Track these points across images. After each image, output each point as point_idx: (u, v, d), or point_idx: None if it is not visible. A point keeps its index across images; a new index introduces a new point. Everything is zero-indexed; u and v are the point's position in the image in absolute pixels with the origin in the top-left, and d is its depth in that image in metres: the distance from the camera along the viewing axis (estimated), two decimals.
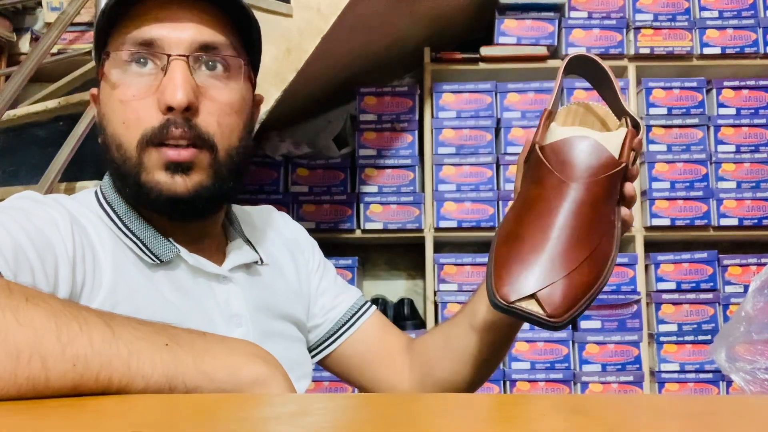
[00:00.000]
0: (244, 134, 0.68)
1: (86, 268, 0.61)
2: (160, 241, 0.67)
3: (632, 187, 0.63)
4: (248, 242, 0.76)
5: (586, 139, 0.57)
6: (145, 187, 0.63)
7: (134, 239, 0.66)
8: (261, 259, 0.75)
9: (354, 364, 0.84)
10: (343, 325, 0.84)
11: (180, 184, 0.63)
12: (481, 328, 0.75)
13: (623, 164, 0.57)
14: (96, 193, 0.71)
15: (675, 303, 1.82)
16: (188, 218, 0.67)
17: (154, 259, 0.66)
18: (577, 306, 0.53)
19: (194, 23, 0.64)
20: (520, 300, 0.54)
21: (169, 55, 0.63)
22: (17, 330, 0.41)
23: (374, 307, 0.87)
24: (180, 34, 0.63)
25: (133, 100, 0.63)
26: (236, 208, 0.81)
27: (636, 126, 0.61)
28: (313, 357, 0.85)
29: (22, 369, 0.40)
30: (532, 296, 0.53)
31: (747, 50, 1.89)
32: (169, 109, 0.62)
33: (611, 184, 0.57)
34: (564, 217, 0.56)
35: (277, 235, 0.83)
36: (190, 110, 0.62)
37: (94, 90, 0.71)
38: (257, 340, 0.70)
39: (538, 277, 0.54)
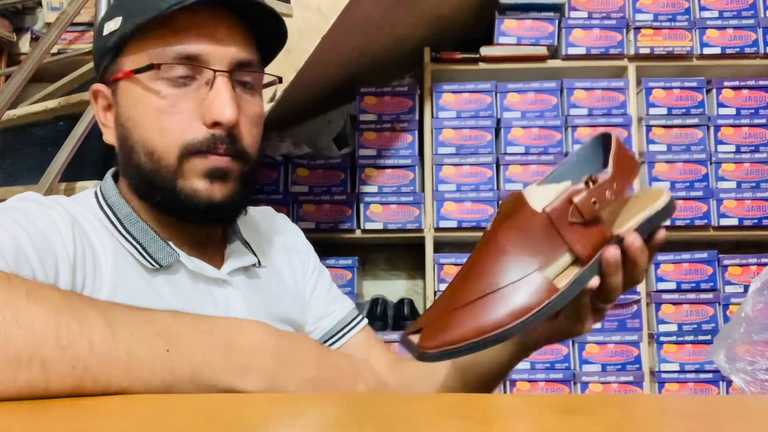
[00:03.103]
0: (261, 144, 0.71)
1: (86, 269, 0.61)
2: (159, 245, 0.67)
3: (587, 249, 0.53)
4: (246, 245, 0.76)
5: (516, 191, 0.56)
6: (181, 193, 0.65)
7: (134, 243, 0.66)
8: (259, 261, 0.75)
9: None
10: (332, 337, 0.84)
11: (217, 191, 0.65)
12: (462, 366, 0.76)
13: (538, 213, 0.54)
14: (96, 194, 0.71)
15: (675, 303, 1.82)
16: (218, 224, 0.70)
17: (154, 264, 0.66)
18: (456, 345, 0.49)
19: (233, 39, 0.66)
20: (411, 332, 0.53)
21: (215, 71, 0.64)
22: (17, 333, 0.41)
23: (365, 321, 0.87)
24: (223, 50, 0.65)
25: (173, 111, 0.65)
26: None
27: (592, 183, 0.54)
28: None
29: (22, 372, 0.40)
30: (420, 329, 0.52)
31: (747, 50, 1.89)
32: (215, 123, 0.64)
33: (524, 233, 0.54)
34: (471, 259, 0.55)
35: (275, 237, 0.83)
36: (232, 126, 0.65)
37: (98, 86, 0.70)
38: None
39: (431, 310, 0.53)
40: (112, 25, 0.67)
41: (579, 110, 1.89)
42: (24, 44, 2.32)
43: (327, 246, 1.99)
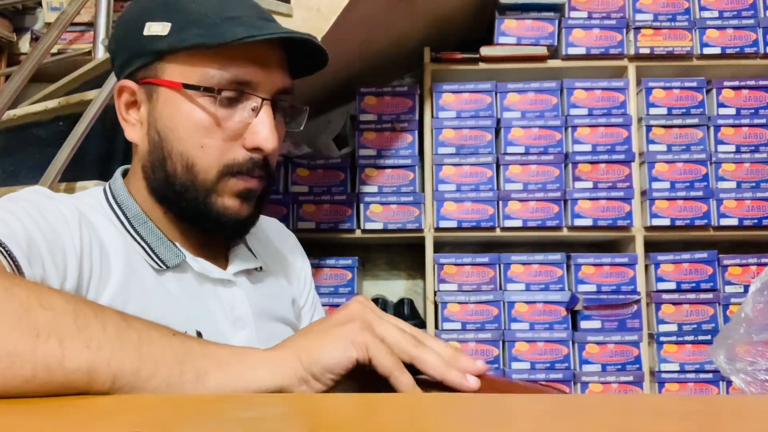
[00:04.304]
0: (277, 163, 0.76)
1: (93, 261, 0.62)
2: (166, 246, 0.69)
3: None
4: (250, 250, 0.78)
5: None
6: (213, 209, 0.67)
7: (141, 243, 0.68)
8: (261, 267, 0.77)
9: None
10: None
11: (245, 209, 0.69)
12: None
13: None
14: (105, 192, 0.72)
15: (675, 303, 1.82)
16: (237, 237, 0.74)
17: (161, 264, 0.67)
18: None
19: (279, 68, 0.69)
20: None
21: (263, 99, 0.67)
22: (39, 311, 0.44)
23: None
24: (270, 78, 0.68)
25: (217, 130, 0.66)
26: None
27: None
28: None
29: (41, 346, 0.42)
30: None
31: (747, 50, 1.89)
32: (255, 149, 0.67)
33: None
34: None
35: (279, 252, 0.85)
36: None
37: (127, 82, 0.69)
38: (260, 342, 0.72)
39: None
40: (157, 29, 0.66)
41: (579, 110, 1.89)
42: (24, 44, 2.32)
43: (327, 246, 1.99)
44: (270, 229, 0.87)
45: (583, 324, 1.82)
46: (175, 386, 0.45)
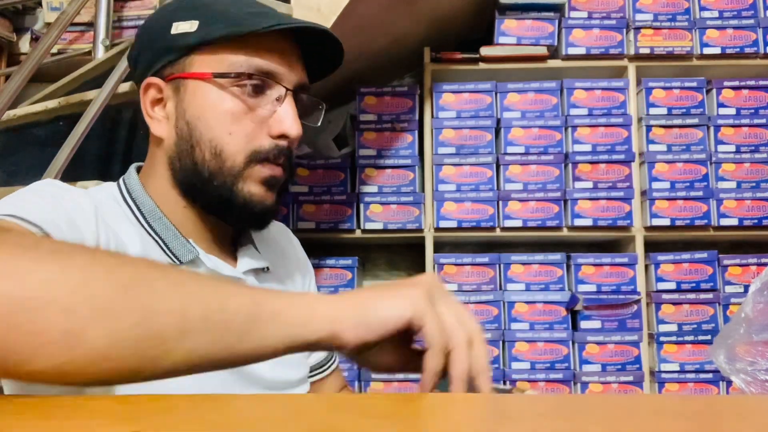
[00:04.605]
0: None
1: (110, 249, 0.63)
2: (180, 242, 0.70)
3: None
4: (257, 249, 0.79)
5: None
6: (239, 195, 0.70)
7: (156, 238, 0.69)
8: (268, 267, 0.79)
9: None
10: (314, 370, 0.89)
11: (269, 198, 0.72)
12: None
13: None
14: (119, 187, 0.74)
15: (675, 303, 1.82)
16: (260, 228, 0.75)
17: (174, 259, 0.69)
18: None
19: (299, 64, 0.74)
20: None
21: (287, 89, 0.71)
22: (123, 268, 0.42)
23: (335, 364, 0.92)
24: (292, 72, 0.72)
25: (245, 118, 0.70)
26: None
27: None
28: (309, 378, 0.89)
29: (132, 293, 0.41)
30: None
31: (747, 50, 1.89)
32: (281, 136, 0.71)
33: None
34: None
35: (284, 254, 0.87)
36: (291, 140, 0.72)
37: (153, 80, 0.72)
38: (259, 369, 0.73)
39: None
40: (185, 27, 0.71)
41: (579, 110, 1.89)
42: (24, 44, 2.32)
43: (327, 246, 1.99)
44: (275, 231, 0.88)
45: (583, 324, 1.82)
46: (251, 331, 0.44)
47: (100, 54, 1.92)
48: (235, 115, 0.70)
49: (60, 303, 0.38)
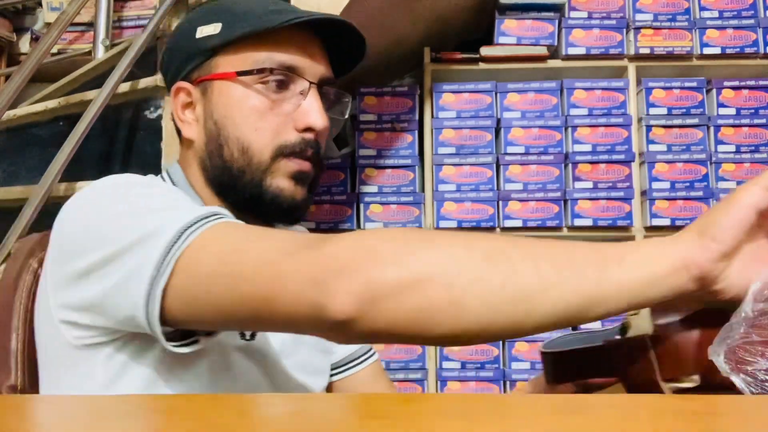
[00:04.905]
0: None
1: None
2: None
3: None
4: None
5: None
6: (268, 190, 0.71)
7: None
8: None
9: None
10: (341, 366, 0.89)
11: (299, 192, 0.72)
12: None
13: None
14: (163, 179, 0.76)
15: None
16: (290, 224, 0.76)
17: None
18: None
19: (322, 58, 0.75)
20: None
21: (310, 83, 0.72)
22: (476, 242, 0.49)
23: (376, 356, 0.92)
24: (315, 66, 0.74)
25: (270, 113, 0.71)
26: None
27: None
28: (335, 375, 0.89)
29: (493, 262, 0.47)
30: None
31: (747, 50, 1.89)
32: (306, 129, 0.71)
33: None
34: None
35: None
36: (319, 133, 0.73)
37: (183, 84, 0.75)
38: (289, 341, 0.73)
39: None
40: (209, 30, 0.73)
41: (579, 110, 1.89)
42: (24, 44, 2.33)
43: None
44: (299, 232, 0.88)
45: (583, 324, 1.82)
46: (607, 272, 0.47)
47: (100, 54, 1.92)
48: (261, 112, 0.71)
49: (442, 280, 0.47)
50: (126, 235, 0.56)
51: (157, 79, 1.56)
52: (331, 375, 0.88)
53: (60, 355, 0.64)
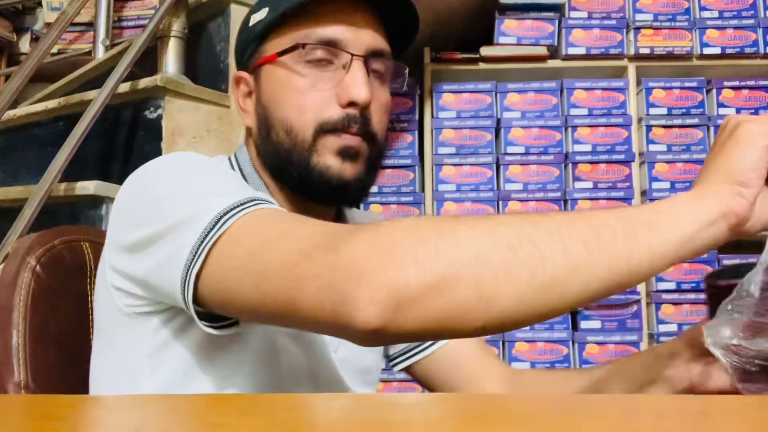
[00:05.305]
0: (387, 134, 0.77)
1: None
2: None
3: None
4: None
5: None
6: (315, 169, 0.69)
7: None
8: None
9: (444, 377, 0.84)
10: (412, 349, 0.85)
11: (348, 169, 0.69)
12: (596, 384, 0.76)
13: None
14: (231, 162, 0.76)
15: (675, 303, 1.82)
16: (345, 204, 0.75)
17: None
18: None
19: (369, 28, 0.72)
20: None
21: (352, 55, 0.69)
22: (500, 229, 0.48)
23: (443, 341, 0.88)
24: (360, 37, 0.71)
25: (312, 90, 0.70)
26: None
27: None
28: (398, 363, 0.86)
29: (518, 251, 0.46)
30: None
31: (747, 50, 1.89)
32: (350, 104, 0.69)
33: None
34: None
35: None
36: (365, 107, 0.69)
37: (242, 73, 0.76)
38: (333, 341, 0.72)
39: None
40: (259, 16, 0.73)
41: (579, 110, 1.89)
42: (24, 44, 2.33)
43: None
44: (366, 219, 0.86)
45: (583, 324, 1.82)
46: (637, 240, 0.47)
47: (100, 54, 1.92)
48: (302, 90, 0.70)
49: (468, 278, 0.45)
50: (173, 216, 0.57)
51: (157, 79, 1.56)
52: (407, 358, 0.84)
53: (113, 322, 0.66)
